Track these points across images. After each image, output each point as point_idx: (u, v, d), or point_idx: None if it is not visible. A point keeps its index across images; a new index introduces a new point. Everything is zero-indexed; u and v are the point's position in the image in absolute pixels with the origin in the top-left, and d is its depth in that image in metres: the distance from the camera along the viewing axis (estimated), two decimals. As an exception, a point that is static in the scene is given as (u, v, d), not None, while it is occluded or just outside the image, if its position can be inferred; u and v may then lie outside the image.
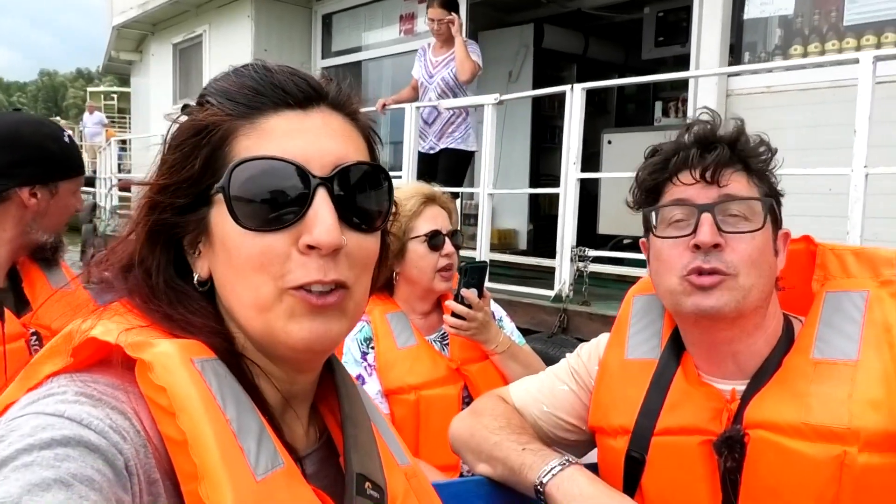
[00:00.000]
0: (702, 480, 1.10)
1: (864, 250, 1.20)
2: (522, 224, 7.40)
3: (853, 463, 0.99)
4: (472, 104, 4.92)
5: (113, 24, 10.26)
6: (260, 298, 0.67)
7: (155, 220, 0.69)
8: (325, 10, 8.15)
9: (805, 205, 3.83)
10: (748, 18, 4.56)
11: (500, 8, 7.63)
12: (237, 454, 0.61)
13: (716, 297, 1.07)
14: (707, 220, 1.08)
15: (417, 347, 1.89)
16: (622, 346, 1.28)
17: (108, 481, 0.54)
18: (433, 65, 5.10)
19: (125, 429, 0.59)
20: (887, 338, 1.08)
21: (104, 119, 18.62)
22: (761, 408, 1.08)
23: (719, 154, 1.09)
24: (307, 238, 0.65)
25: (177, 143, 0.70)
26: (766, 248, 1.10)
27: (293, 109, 0.69)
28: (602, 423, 1.24)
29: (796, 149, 4.08)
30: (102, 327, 0.64)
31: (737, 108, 4.51)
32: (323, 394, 0.81)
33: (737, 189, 1.10)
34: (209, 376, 0.63)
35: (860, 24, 4.11)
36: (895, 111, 3.64)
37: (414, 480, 0.82)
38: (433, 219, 1.92)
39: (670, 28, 6.57)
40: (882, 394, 1.03)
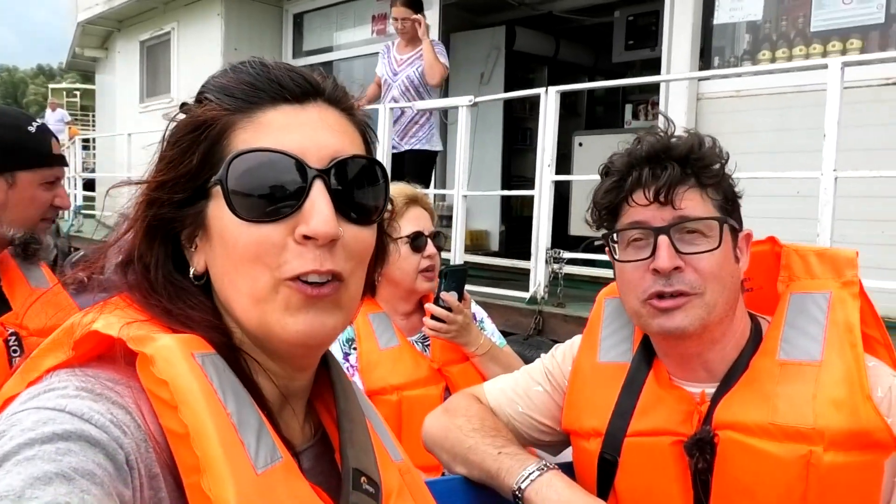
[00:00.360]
0: (674, 481, 1.12)
1: (826, 251, 1.23)
2: (494, 225, 7.43)
3: (819, 462, 1.02)
4: (447, 105, 4.92)
5: (78, 19, 10.03)
6: (256, 289, 0.67)
7: (153, 216, 0.70)
8: (297, 10, 8.08)
9: (772, 207, 3.91)
10: (718, 23, 4.63)
11: (472, 10, 7.64)
12: (238, 448, 0.61)
13: (679, 317, 1.09)
14: (664, 243, 1.09)
15: (399, 348, 1.90)
16: (594, 350, 1.29)
17: (108, 476, 0.55)
18: (397, 62, 5.07)
19: (126, 423, 0.59)
20: (849, 338, 1.10)
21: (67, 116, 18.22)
22: (730, 409, 1.10)
23: (670, 174, 1.09)
24: (303, 228, 0.66)
25: (175, 139, 0.70)
26: (726, 261, 1.12)
27: (290, 104, 0.70)
28: (575, 426, 1.26)
29: (765, 152, 4.16)
30: (104, 321, 0.65)
31: (707, 112, 4.59)
32: (318, 390, 0.82)
33: (691, 208, 1.10)
34: (209, 370, 0.64)
35: (826, 30, 4.20)
36: (861, 116, 3.74)
37: (408, 476, 0.83)
38: (416, 220, 1.93)
39: (640, 32, 6.66)
40: (844, 394, 1.05)
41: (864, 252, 3.95)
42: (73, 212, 9.68)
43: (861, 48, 4.04)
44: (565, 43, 8.16)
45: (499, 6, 7.65)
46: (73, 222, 9.53)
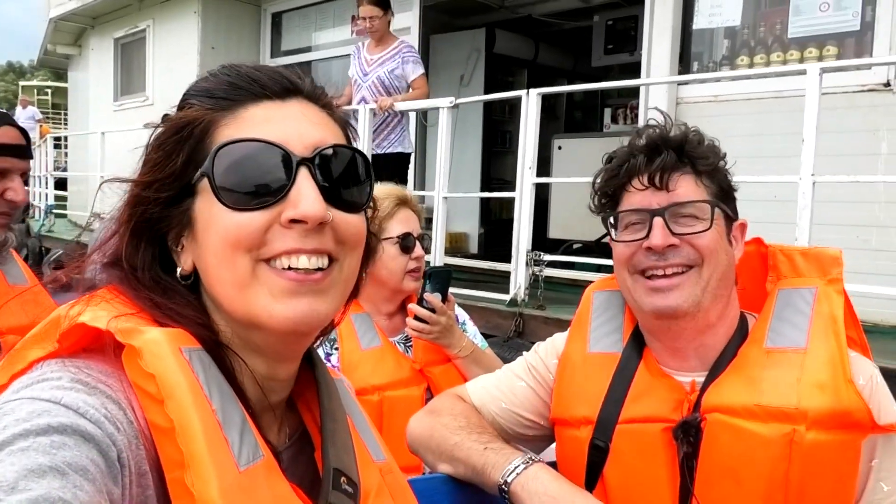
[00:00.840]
0: (662, 467, 1.15)
1: (810, 251, 1.28)
2: (473, 228, 7.42)
3: (801, 440, 1.06)
4: (428, 107, 4.90)
5: (50, 16, 9.85)
6: (238, 275, 0.68)
7: (140, 215, 0.70)
8: (275, 9, 8.01)
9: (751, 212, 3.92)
10: (697, 29, 4.67)
11: (452, 12, 7.64)
12: (222, 444, 0.61)
13: (674, 296, 1.15)
14: (658, 224, 1.15)
15: (381, 349, 1.89)
16: (584, 341, 1.32)
17: (100, 472, 0.54)
18: (367, 63, 5.03)
19: (119, 419, 0.59)
20: (833, 328, 1.16)
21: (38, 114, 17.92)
22: (717, 393, 1.15)
23: (665, 159, 1.15)
24: (290, 212, 0.67)
25: (159, 142, 0.71)
26: (719, 241, 1.17)
27: (272, 100, 0.72)
28: (565, 415, 1.27)
29: (743, 157, 4.17)
30: (91, 313, 0.64)
31: (686, 116, 4.60)
32: (300, 388, 0.82)
33: (685, 192, 1.16)
34: (196, 366, 0.64)
35: (803, 37, 4.25)
36: (837, 122, 3.78)
37: (389, 476, 0.83)
38: (405, 221, 1.93)
39: (619, 36, 6.70)
40: (828, 377, 1.10)
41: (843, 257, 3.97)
42: (45, 211, 9.50)
43: (837, 55, 4.09)
44: (545, 46, 8.20)
45: (478, 9, 7.66)
46: (45, 222, 9.35)
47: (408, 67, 4.90)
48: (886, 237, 3.85)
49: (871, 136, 3.88)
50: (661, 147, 1.17)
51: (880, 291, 3.17)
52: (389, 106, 4.80)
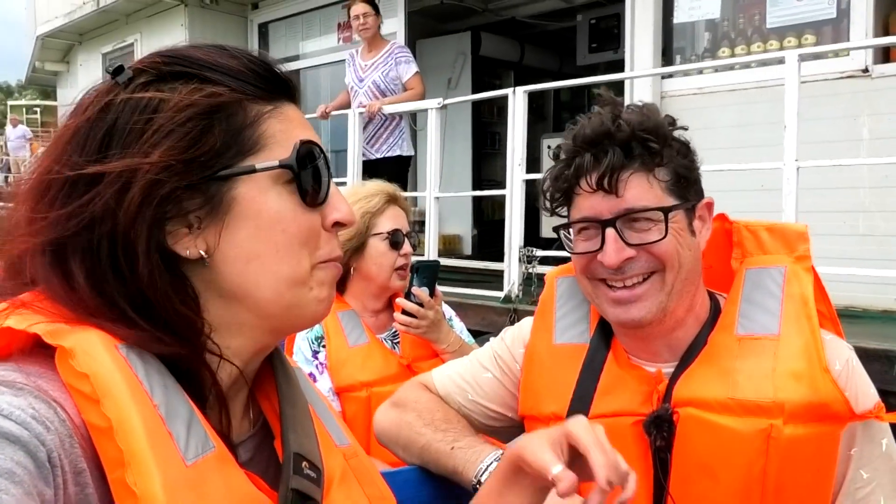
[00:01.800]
0: (635, 461, 1.09)
1: (775, 226, 1.22)
2: (467, 230, 7.47)
3: (779, 435, 1.02)
4: (416, 108, 4.94)
5: (37, 33, 9.88)
6: (298, 272, 0.70)
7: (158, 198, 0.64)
8: (262, 20, 8.05)
9: (738, 202, 3.97)
10: (678, 23, 4.73)
11: (436, 16, 7.70)
12: (165, 439, 0.59)
13: (636, 310, 1.09)
14: (611, 237, 1.07)
15: (369, 345, 1.91)
16: (549, 331, 1.27)
17: (28, 474, 0.52)
18: (362, 69, 5.08)
19: (48, 418, 0.56)
20: (805, 311, 1.11)
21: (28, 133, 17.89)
22: (689, 386, 1.09)
23: (611, 160, 1.06)
24: (336, 215, 0.73)
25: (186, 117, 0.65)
26: (679, 241, 1.10)
27: (294, 103, 0.74)
28: (533, 411, 1.23)
29: (728, 147, 4.26)
30: (17, 317, 0.61)
31: (670, 110, 4.62)
32: (259, 379, 0.81)
33: (636, 196, 1.07)
34: (134, 361, 0.62)
35: (782, 26, 4.31)
36: (819, 109, 3.85)
37: (354, 461, 0.82)
38: (395, 218, 1.96)
39: (603, 35, 6.78)
40: (803, 366, 1.06)
41: (829, 243, 4.07)
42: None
43: (815, 42, 4.15)
44: (530, 48, 8.27)
45: (463, 12, 7.72)
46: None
47: (401, 68, 4.93)
48: (872, 222, 3.90)
49: (853, 121, 3.94)
50: (606, 144, 1.07)
51: (868, 274, 3.22)
52: (378, 110, 4.84)
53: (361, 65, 5.09)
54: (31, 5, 10.38)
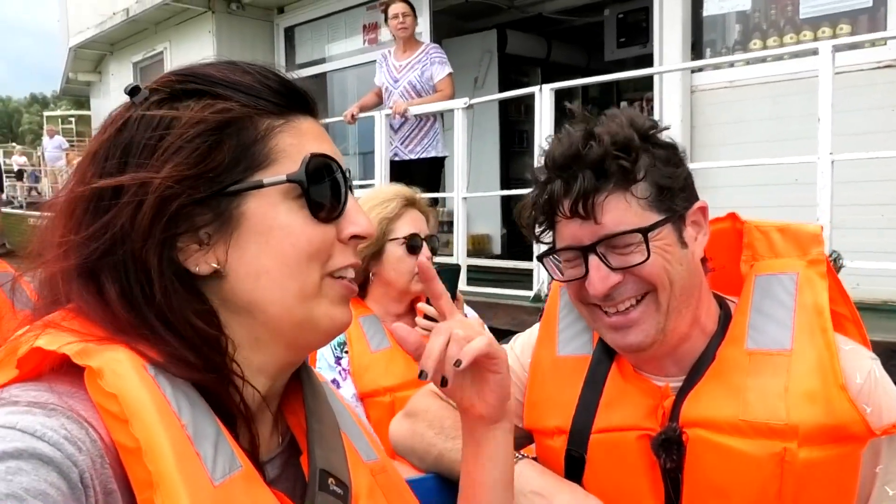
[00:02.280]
0: (643, 478, 1.07)
1: (788, 227, 1.16)
2: (496, 229, 7.45)
3: (794, 459, 0.97)
4: (442, 109, 4.93)
5: (70, 45, 10.09)
6: (307, 286, 0.70)
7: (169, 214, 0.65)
8: (287, 24, 8.10)
9: (772, 195, 3.92)
10: (707, 16, 4.65)
11: (461, 15, 7.69)
12: (193, 459, 0.60)
13: (633, 335, 1.05)
14: (594, 265, 1.03)
15: (391, 350, 1.90)
16: (552, 343, 1.23)
17: (62, 495, 0.53)
18: (397, 69, 5.08)
19: (80, 439, 0.57)
20: (819, 322, 1.05)
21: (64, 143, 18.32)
22: (698, 405, 1.05)
23: (581, 186, 1.01)
24: (355, 229, 0.72)
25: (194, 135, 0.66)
26: (667, 260, 1.04)
27: (309, 115, 0.74)
28: (538, 425, 1.21)
29: (761, 141, 4.18)
30: (48, 337, 0.62)
31: (701, 104, 4.60)
32: (287, 396, 0.81)
33: (614, 219, 1.02)
34: (162, 381, 0.62)
35: (816, 16, 4.21)
36: (856, 100, 3.75)
37: (381, 476, 0.82)
38: (413, 222, 1.95)
39: (631, 29, 6.70)
40: (818, 384, 1.00)
41: (867, 237, 3.97)
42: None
43: (851, 32, 4.05)
44: (557, 44, 8.21)
45: (488, 10, 7.69)
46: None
47: (435, 68, 4.93)
48: (912, 214, 3.80)
49: (891, 112, 3.83)
50: (575, 169, 1.02)
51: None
52: (404, 111, 4.84)
53: (395, 65, 5.09)
54: (64, 18, 10.61)
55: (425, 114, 4.96)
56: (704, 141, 4.57)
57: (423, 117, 4.97)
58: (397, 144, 5.10)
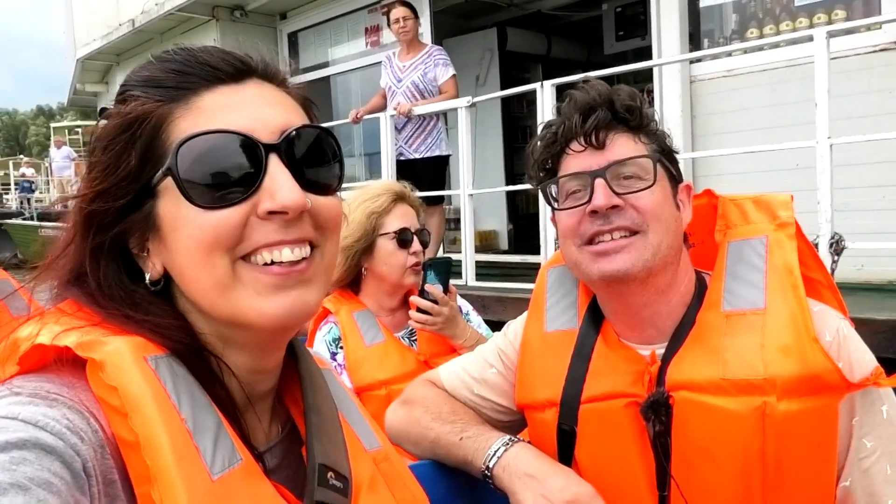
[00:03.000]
0: (632, 444, 1.10)
1: (762, 197, 1.20)
2: (502, 225, 7.52)
3: (774, 412, 1.00)
4: (445, 108, 5.01)
5: (77, 56, 10.21)
6: (218, 276, 0.65)
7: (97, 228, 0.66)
8: (290, 29, 8.20)
9: (773, 181, 3.97)
10: (704, 6, 4.71)
11: (462, 15, 7.76)
12: (192, 454, 0.59)
13: (620, 260, 1.08)
14: (600, 185, 1.09)
15: (385, 343, 1.93)
16: (541, 320, 1.27)
17: (66, 484, 0.53)
18: (400, 70, 5.17)
19: (83, 429, 0.57)
20: (790, 280, 1.09)
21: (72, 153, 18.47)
22: (681, 368, 1.08)
23: (599, 116, 1.11)
24: (269, 204, 0.64)
25: (104, 144, 0.66)
26: (665, 201, 1.12)
27: (226, 84, 0.67)
28: (528, 399, 1.24)
29: (761, 128, 4.23)
30: (48, 332, 0.61)
31: (701, 94, 4.66)
32: (287, 384, 0.80)
33: (623, 151, 1.11)
34: (163, 374, 0.62)
35: (811, 3, 4.27)
36: (853, 84, 3.81)
37: (384, 464, 0.81)
38: (403, 216, 1.97)
39: (629, 22, 6.76)
40: (791, 338, 1.04)
41: (868, 218, 4.02)
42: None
43: (846, 18, 4.10)
44: (557, 40, 8.27)
45: (488, 8, 7.76)
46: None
47: (438, 70, 5.02)
48: (912, 195, 3.85)
49: (888, 95, 3.89)
50: (594, 106, 1.12)
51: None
52: (408, 111, 4.93)
53: (399, 66, 5.18)
54: (70, 30, 10.74)
55: (428, 113, 5.04)
56: (705, 130, 4.64)
57: (426, 117, 5.06)
58: (402, 144, 5.19)
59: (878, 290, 3.66)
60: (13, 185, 20.48)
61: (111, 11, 9.09)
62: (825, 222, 3.18)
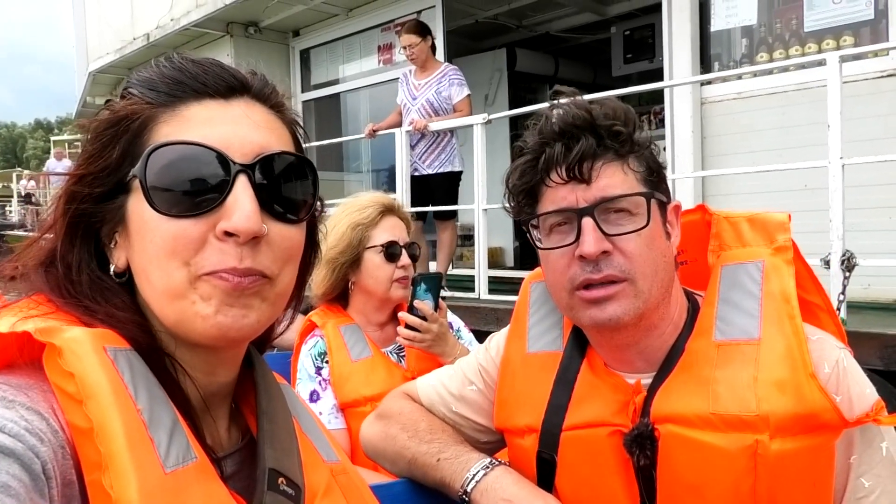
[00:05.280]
0: (615, 475, 1.05)
1: (757, 216, 1.13)
2: (508, 242, 7.60)
3: (766, 452, 0.94)
4: (461, 125, 5.11)
5: (89, 69, 10.30)
6: (172, 285, 0.65)
7: (73, 211, 0.68)
8: (303, 46, 8.32)
9: (782, 201, 4.06)
10: (715, 30, 4.83)
11: (472, 35, 7.92)
12: (146, 444, 0.58)
13: (612, 308, 1.01)
14: (588, 226, 1.00)
15: (372, 359, 1.88)
16: (523, 339, 1.21)
17: (24, 487, 0.52)
18: (416, 88, 5.29)
19: (41, 430, 0.56)
20: (787, 310, 1.02)
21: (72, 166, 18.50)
22: (668, 400, 1.02)
23: (583, 147, 1.00)
24: (224, 224, 0.64)
25: (97, 133, 0.69)
26: (656, 240, 1.03)
27: (215, 99, 0.69)
28: (508, 423, 1.18)
29: (771, 150, 4.34)
30: (7, 322, 0.61)
31: (711, 115, 4.77)
32: (245, 392, 0.80)
33: (613, 184, 1.01)
34: (122, 365, 0.61)
35: (819, 29, 4.39)
36: (862, 108, 3.91)
37: (342, 477, 0.80)
38: (391, 229, 1.94)
39: (637, 45, 6.91)
40: (786, 373, 0.97)
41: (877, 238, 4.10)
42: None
43: (854, 44, 4.22)
44: (564, 61, 8.42)
45: (497, 30, 7.92)
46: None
47: (454, 90, 5.14)
48: (919, 216, 3.94)
49: (896, 119, 4.00)
50: (577, 132, 1.01)
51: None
52: (424, 127, 5.03)
53: (415, 84, 5.30)
54: (83, 44, 10.85)
55: (442, 130, 5.15)
56: (715, 151, 4.74)
57: (440, 133, 5.17)
58: (416, 160, 5.30)
59: (885, 308, 3.74)
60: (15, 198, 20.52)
61: (125, 25, 9.21)
62: (837, 240, 3.26)
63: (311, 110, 8.37)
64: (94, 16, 10.45)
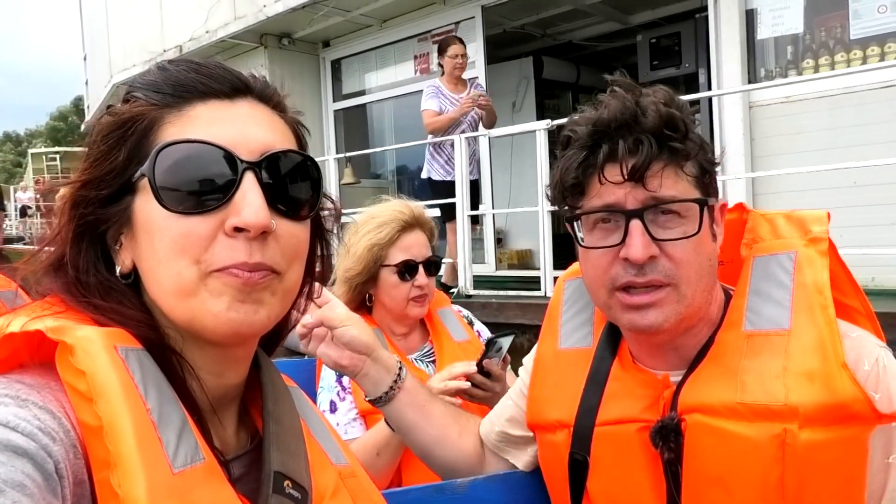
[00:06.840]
0: (644, 472, 1.04)
1: (794, 213, 1.11)
2: (536, 244, 7.83)
3: (795, 441, 0.92)
4: (525, 130, 5.36)
5: (113, 81, 10.36)
6: (182, 283, 0.66)
7: (80, 216, 0.68)
8: (333, 57, 8.49)
9: (831, 198, 4.33)
10: (760, 38, 5.13)
11: (498, 44, 8.14)
12: (154, 444, 0.59)
13: (653, 315, 0.99)
14: (637, 229, 0.97)
15: None
16: (555, 336, 1.22)
17: (38, 486, 0.52)
18: (453, 101, 5.54)
19: (54, 429, 0.56)
20: (819, 300, 1.00)
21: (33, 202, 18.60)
22: (695, 391, 1.01)
23: (648, 151, 0.96)
24: (234, 220, 0.65)
25: (102, 136, 0.69)
26: (704, 244, 1.01)
27: (220, 99, 0.70)
28: (539, 419, 1.19)
29: (819, 150, 4.62)
30: (19, 322, 0.62)
31: (760, 118, 5.06)
32: (253, 395, 0.80)
33: (667, 186, 0.98)
34: (132, 364, 0.62)
35: (864, 37, 4.69)
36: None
37: (351, 480, 0.81)
38: (408, 248, 1.90)
39: (664, 52, 7.18)
40: (817, 363, 0.95)
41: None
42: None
43: (900, 51, 4.53)
44: (585, 68, 8.70)
45: (523, 38, 8.17)
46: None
47: None
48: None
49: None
50: (636, 131, 0.97)
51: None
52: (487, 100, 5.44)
53: (452, 97, 5.54)
54: (106, 55, 10.90)
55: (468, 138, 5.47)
56: (763, 151, 5.03)
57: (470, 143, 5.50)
58: (442, 164, 5.60)
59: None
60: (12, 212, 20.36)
61: (153, 38, 9.29)
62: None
63: (341, 120, 8.54)
64: (117, 29, 10.52)
